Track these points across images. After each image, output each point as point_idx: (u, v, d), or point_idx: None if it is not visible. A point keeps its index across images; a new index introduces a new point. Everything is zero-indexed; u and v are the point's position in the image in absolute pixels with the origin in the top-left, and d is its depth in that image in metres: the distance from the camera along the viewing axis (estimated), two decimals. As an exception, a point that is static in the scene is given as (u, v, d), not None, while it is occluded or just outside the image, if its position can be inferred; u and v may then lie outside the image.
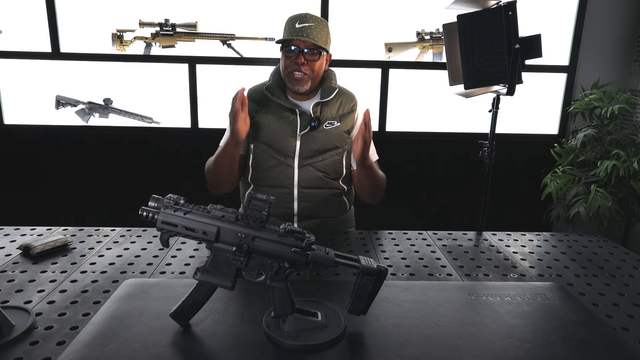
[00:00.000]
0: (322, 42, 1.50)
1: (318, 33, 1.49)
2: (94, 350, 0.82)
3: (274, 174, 1.57)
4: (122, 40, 2.78)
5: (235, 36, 2.79)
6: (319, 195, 1.59)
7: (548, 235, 1.57)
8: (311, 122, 1.54)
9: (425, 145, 3.02)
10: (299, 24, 1.48)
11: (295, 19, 1.50)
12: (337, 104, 1.60)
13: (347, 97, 1.62)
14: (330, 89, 1.58)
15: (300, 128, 1.55)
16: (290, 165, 1.56)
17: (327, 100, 1.57)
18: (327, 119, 1.57)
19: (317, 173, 1.57)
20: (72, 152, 2.90)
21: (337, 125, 1.58)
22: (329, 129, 1.57)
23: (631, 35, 2.93)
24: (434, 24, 2.88)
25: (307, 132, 1.55)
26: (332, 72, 1.64)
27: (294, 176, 1.56)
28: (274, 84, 1.58)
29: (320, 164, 1.57)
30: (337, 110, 1.59)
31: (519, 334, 0.91)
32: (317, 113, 1.56)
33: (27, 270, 1.18)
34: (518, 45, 1.55)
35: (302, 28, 1.47)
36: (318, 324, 0.90)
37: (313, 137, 1.56)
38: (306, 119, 1.55)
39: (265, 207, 0.84)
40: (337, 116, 1.59)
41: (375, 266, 0.87)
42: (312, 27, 1.48)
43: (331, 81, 1.61)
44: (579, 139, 2.65)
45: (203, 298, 0.89)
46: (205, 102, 2.88)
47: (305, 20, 1.49)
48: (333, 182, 1.61)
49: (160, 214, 0.85)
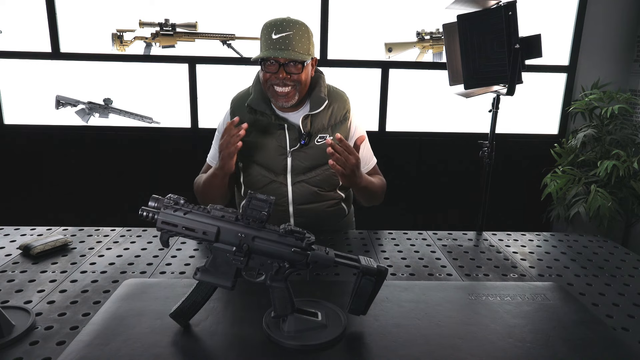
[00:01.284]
0: (303, 51, 1.35)
1: (298, 42, 1.33)
2: (94, 350, 0.82)
3: (268, 192, 1.49)
4: (122, 40, 2.78)
5: (235, 36, 2.79)
6: (316, 210, 1.53)
7: (548, 235, 1.57)
8: (301, 140, 1.43)
9: (425, 145, 3.02)
10: (275, 34, 1.32)
11: (270, 28, 1.34)
12: (329, 112, 1.47)
13: (338, 103, 1.49)
14: (319, 99, 1.44)
15: (290, 144, 1.45)
16: (284, 183, 1.48)
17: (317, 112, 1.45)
18: (318, 131, 1.45)
19: (312, 188, 1.49)
20: (72, 152, 2.90)
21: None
22: (320, 143, 1.45)
23: (631, 35, 2.93)
24: (434, 24, 2.88)
25: (297, 149, 1.45)
26: (320, 76, 1.50)
27: (287, 194, 1.49)
28: (257, 96, 1.45)
29: (314, 180, 1.48)
30: (329, 119, 1.47)
31: (519, 334, 0.91)
32: (307, 127, 1.44)
33: (27, 270, 1.18)
34: (518, 45, 1.55)
35: (279, 39, 1.32)
36: (318, 324, 0.90)
37: (304, 154, 1.46)
38: (295, 132, 1.44)
39: (265, 207, 0.84)
40: (329, 127, 1.47)
41: (375, 266, 0.87)
42: (291, 36, 1.32)
43: (320, 88, 1.46)
44: (579, 139, 2.65)
45: (203, 298, 0.89)
46: (205, 102, 2.89)
47: (282, 29, 1.32)
48: (329, 194, 1.54)
49: (160, 214, 0.85)
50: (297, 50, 1.34)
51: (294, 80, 1.37)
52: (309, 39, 1.39)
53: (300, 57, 1.34)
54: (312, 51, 1.42)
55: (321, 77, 1.51)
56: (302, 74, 1.37)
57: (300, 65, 1.36)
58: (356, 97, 1.64)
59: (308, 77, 1.43)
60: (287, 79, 1.35)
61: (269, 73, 1.36)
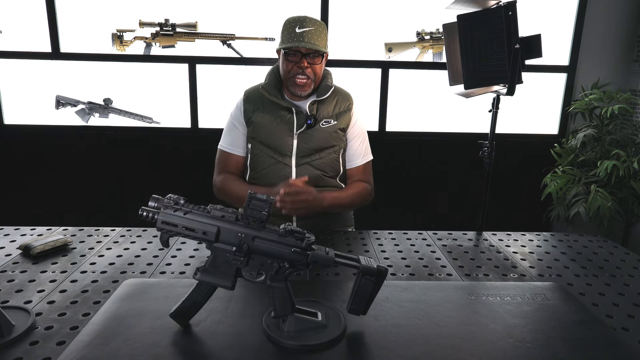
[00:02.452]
0: (322, 46, 1.51)
1: (318, 37, 1.49)
2: (94, 350, 0.82)
3: (272, 174, 1.57)
4: (122, 40, 2.78)
5: (235, 36, 2.79)
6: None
7: (548, 235, 1.57)
8: (307, 120, 1.55)
9: (425, 145, 3.02)
10: (299, 29, 1.48)
11: (294, 23, 1.50)
12: (334, 102, 1.61)
13: (343, 96, 1.64)
14: (326, 87, 1.59)
15: (296, 127, 1.56)
16: (288, 164, 1.57)
17: (324, 98, 1.58)
18: (323, 117, 1.58)
19: (315, 171, 1.58)
20: (72, 152, 2.90)
21: (333, 124, 1.59)
22: (325, 127, 1.58)
23: (631, 35, 2.93)
24: (434, 24, 2.88)
25: (304, 130, 1.56)
26: (328, 72, 1.65)
27: (291, 175, 1.57)
28: (271, 83, 1.58)
29: (317, 162, 1.58)
30: (334, 108, 1.60)
31: (519, 334, 0.91)
32: (313, 111, 1.57)
33: (27, 270, 1.18)
34: (518, 45, 1.55)
35: (302, 33, 1.47)
36: (318, 324, 0.90)
37: (310, 136, 1.56)
38: (302, 117, 1.56)
39: (265, 207, 0.84)
40: (334, 114, 1.60)
41: (375, 266, 0.87)
42: (312, 32, 1.48)
43: (327, 80, 1.61)
44: (579, 139, 2.65)
45: (203, 298, 0.89)
46: (205, 102, 2.89)
47: (305, 25, 1.49)
48: (331, 180, 1.62)
49: (160, 214, 0.85)
50: (318, 45, 1.49)
51: (313, 71, 1.52)
52: (325, 36, 1.55)
53: (321, 49, 1.50)
54: (327, 48, 1.58)
55: (329, 72, 1.66)
56: (318, 66, 1.53)
57: (320, 57, 1.52)
58: (356, 97, 1.68)
59: (322, 71, 1.59)
60: (306, 69, 1.50)
61: (292, 63, 1.51)
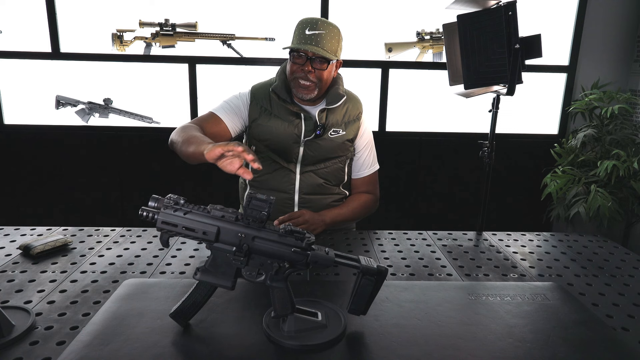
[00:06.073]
0: (331, 51, 1.44)
1: (328, 41, 1.43)
2: (94, 350, 0.82)
3: (275, 178, 1.55)
4: (122, 40, 2.78)
5: (235, 36, 2.79)
6: (320, 202, 1.57)
7: (548, 235, 1.57)
8: (316, 130, 1.51)
9: (425, 145, 3.02)
10: (309, 31, 1.43)
11: (305, 25, 1.45)
12: (344, 110, 1.56)
13: (353, 103, 1.59)
14: (337, 95, 1.53)
15: (304, 134, 1.52)
16: (293, 171, 1.54)
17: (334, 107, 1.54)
18: (332, 125, 1.54)
19: (319, 180, 1.56)
20: (72, 152, 2.90)
21: (342, 134, 1.55)
22: (333, 137, 1.54)
23: (631, 35, 2.93)
24: (434, 24, 2.88)
25: (312, 139, 1.52)
26: (339, 77, 1.60)
27: (295, 182, 1.55)
28: (281, 84, 1.52)
29: (322, 172, 1.56)
30: (343, 117, 1.56)
31: (519, 334, 0.91)
32: (322, 120, 1.52)
33: (27, 270, 1.18)
34: (518, 45, 1.55)
35: (312, 35, 1.42)
36: (318, 324, 0.90)
37: (317, 145, 1.53)
38: (311, 124, 1.52)
39: (265, 207, 0.84)
40: (343, 123, 1.56)
41: (375, 266, 0.87)
42: (323, 35, 1.42)
43: (339, 87, 1.56)
44: (579, 139, 2.65)
45: (203, 298, 0.89)
46: (205, 102, 2.88)
47: (316, 27, 1.43)
48: (334, 188, 1.60)
49: (160, 214, 0.85)
50: (325, 49, 1.43)
51: (317, 76, 1.45)
52: (338, 42, 1.47)
53: (327, 55, 1.42)
54: (339, 54, 1.51)
55: (340, 77, 1.60)
56: (324, 72, 1.46)
57: (325, 63, 1.44)
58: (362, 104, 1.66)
59: (330, 77, 1.51)
60: (311, 73, 1.44)
61: (297, 65, 1.45)
